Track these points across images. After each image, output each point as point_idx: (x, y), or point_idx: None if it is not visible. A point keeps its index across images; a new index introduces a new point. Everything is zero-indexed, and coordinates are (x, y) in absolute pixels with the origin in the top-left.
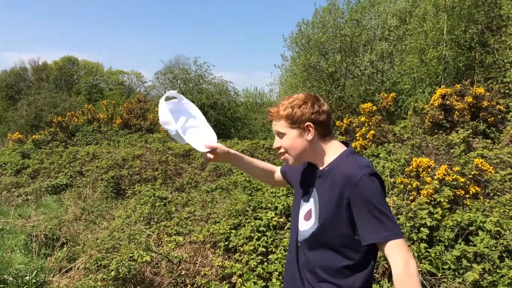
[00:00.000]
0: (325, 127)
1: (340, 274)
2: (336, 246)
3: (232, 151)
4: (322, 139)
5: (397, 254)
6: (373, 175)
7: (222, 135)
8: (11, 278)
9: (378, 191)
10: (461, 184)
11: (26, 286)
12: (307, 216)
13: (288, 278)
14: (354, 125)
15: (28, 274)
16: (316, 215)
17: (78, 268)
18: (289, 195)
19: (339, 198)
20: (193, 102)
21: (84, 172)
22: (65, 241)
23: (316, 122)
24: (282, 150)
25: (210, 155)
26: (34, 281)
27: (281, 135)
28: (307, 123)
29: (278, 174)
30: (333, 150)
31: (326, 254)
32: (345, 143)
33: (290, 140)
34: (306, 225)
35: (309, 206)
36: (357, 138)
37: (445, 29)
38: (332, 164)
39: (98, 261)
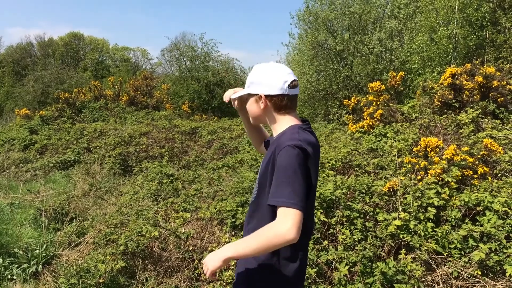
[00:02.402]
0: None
1: None
2: (268, 213)
3: None
4: (277, 111)
5: (281, 218)
6: (297, 147)
7: (228, 113)
8: (21, 252)
9: (294, 160)
10: (470, 164)
11: (36, 259)
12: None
13: None
14: (361, 104)
15: (38, 248)
16: (257, 181)
17: (87, 243)
18: None
19: (271, 164)
20: (198, 80)
21: (91, 148)
22: (74, 216)
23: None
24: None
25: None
26: (44, 254)
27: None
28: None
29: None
30: (286, 122)
31: (258, 223)
32: (304, 120)
33: (248, 104)
34: (253, 193)
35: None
36: (365, 117)
37: (456, 7)
38: (279, 135)
39: (107, 236)
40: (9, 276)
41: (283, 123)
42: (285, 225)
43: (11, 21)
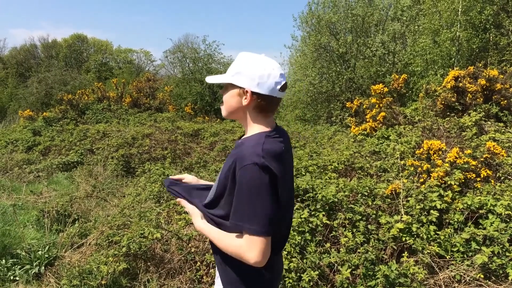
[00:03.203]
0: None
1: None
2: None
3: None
4: (257, 111)
5: (247, 246)
6: (262, 167)
7: None
8: (23, 253)
9: (258, 182)
10: (472, 167)
11: (39, 261)
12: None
13: None
14: (364, 106)
15: (40, 249)
16: (216, 185)
17: (89, 244)
18: (298, 175)
19: (231, 172)
20: (201, 82)
21: (94, 150)
22: (76, 217)
23: (256, 94)
24: None
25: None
26: (46, 256)
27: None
28: (247, 90)
29: None
30: (258, 127)
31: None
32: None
33: (228, 95)
34: (209, 194)
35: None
36: (367, 119)
37: (459, 9)
38: (244, 140)
39: (109, 238)
40: (11, 277)
41: (255, 127)
42: (251, 253)
43: (13, 22)
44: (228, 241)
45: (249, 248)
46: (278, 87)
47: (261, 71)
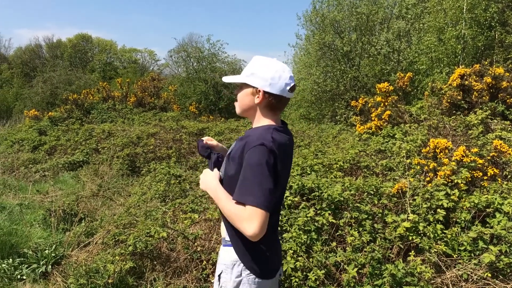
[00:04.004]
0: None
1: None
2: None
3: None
4: (268, 109)
5: (249, 218)
6: (269, 149)
7: (235, 114)
8: (30, 252)
9: (262, 161)
10: (479, 165)
11: (46, 260)
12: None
13: None
14: (369, 105)
15: (47, 248)
16: (224, 163)
17: (96, 243)
18: (304, 174)
19: (238, 158)
20: (206, 81)
21: (100, 149)
22: (83, 216)
23: (269, 93)
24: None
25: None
26: (53, 255)
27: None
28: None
29: None
30: (267, 122)
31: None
32: (283, 122)
33: (242, 94)
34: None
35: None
36: (373, 118)
37: (465, 7)
38: (253, 129)
39: (116, 237)
40: (18, 276)
41: (264, 121)
42: (251, 225)
43: (18, 23)
44: (231, 206)
45: (250, 218)
46: (288, 88)
47: (273, 73)
